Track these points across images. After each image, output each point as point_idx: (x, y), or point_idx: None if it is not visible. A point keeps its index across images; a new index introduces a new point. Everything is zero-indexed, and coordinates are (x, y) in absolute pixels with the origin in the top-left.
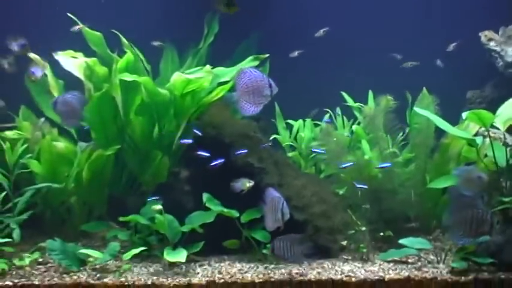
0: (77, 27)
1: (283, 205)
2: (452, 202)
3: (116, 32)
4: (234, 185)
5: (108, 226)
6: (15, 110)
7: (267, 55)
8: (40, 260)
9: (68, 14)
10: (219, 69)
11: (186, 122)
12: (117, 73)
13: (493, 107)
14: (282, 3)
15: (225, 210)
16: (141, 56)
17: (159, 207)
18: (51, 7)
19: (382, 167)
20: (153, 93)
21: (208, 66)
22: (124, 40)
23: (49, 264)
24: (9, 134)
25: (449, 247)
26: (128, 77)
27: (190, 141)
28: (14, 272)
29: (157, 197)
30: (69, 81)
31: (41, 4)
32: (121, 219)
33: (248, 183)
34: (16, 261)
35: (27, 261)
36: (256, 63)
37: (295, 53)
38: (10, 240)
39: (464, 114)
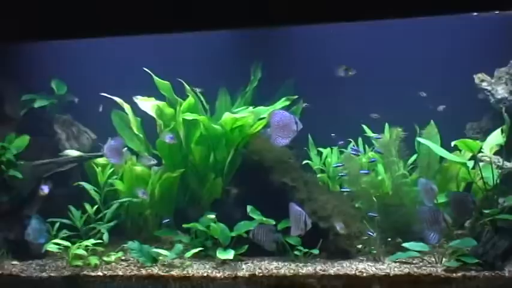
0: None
1: (306, 217)
2: (421, 216)
3: (180, 80)
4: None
5: (174, 232)
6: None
7: (296, 96)
8: (123, 258)
9: (144, 69)
10: (259, 108)
11: (234, 150)
12: (180, 113)
13: (487, 136)
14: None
15: (264, 219)
16: (202, 98)
17: (213, 216)
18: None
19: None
20: (209, 128)
21: (250, 108)
22: (187, 86)
23: (130, 261)
24: (100, 160)
25: (446, 251)
26: (189, 116)
27: None
28: (103, 267)
29: (213, 213)
30: (145, 119)
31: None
32: (184, 226)
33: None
34: (105, 258)
35: (113, 258)
36: (288, 103)
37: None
38: (101, 241)
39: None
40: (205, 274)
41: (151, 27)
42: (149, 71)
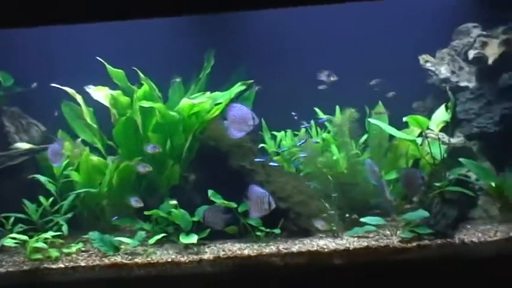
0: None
1: (269, 198)
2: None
3: (135, 68)
4: None
5: (134, 221)
6: (54, 133)
7: (251, 81)
8: (83, 249)
9: (98, 58)
10: (216, 94)
11: (192, 136)
12: (137, 101)
13: (432, 114)
14: (264, 38)
15: (226, 202)
16: (154, 86)
17: (174, 202)
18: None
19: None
20: (165, 115)
21: (208, 93)
22: (141, 74)
23: (90, 252)
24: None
25: (399, 223)
26: (146, 104)
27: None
28: (63, 259)
29: (173, 199)
30: (97, 109)
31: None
32: (146, 213)
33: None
34: (65, 250)
35: (74, 249)
36: (243, 87)
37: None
38: (60, 233)
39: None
40: (169, 259)
41: (102, 14)
42: (101, 60)
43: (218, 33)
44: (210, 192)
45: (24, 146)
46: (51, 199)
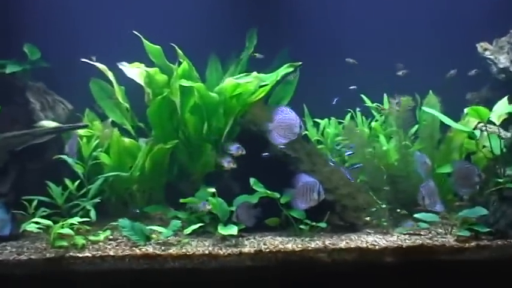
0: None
1: (320, 187)
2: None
3: (173, 45)
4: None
5: (166, 208)
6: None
7: (300, 63)
8: (110, 237)
9: (134, 32)
10: (260, 75)
11: (234, 120)
12: (177, 79)
13: (488, 106)
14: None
15: (269, 192)
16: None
17: (213, 190)
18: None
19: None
20: (204, 96)
21: (255, 73)
22: (180, 52)
23: (118, 240)
24: (81, 132)
25: (454, 222)
26: (186, 83)
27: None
28: (90, 247)
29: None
30: (129, 88)
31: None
32: (182, 200)
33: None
34: (91, 238)
35: (101, 237)
36: (291, 69)
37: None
38: (88, 219)
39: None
40: (206, 252)
41: None
42: (139, 35)
43: (261, 11)
44: (252, 180)
45: (50, 124)
46: (77, 182)
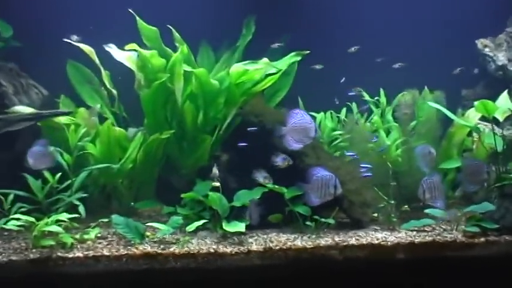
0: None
1: (336, 181)
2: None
3: (170, 27)
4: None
5: (159, 204)
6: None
7: (308, 51)
8: (99, 235)
9: (130, 10)
10: (273, 63)
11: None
12: (180, 64)
13: None
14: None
15: (276, 186)
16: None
17: (218, 184)
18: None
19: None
20: (205, 84)
21: (265, 59)
22: (177, 35)
23: (109, 238)
24: (62, 119)
25: (461, 218)
26: (188, 68)
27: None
28: (78, 246)
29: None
30: (116, 72)
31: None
32: (183, 195)
33: (288, 162)
34: (78, 236)
35: (92, 235)
36: (298, 58)
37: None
38: (78, 216)
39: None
40: (211, 250)
41: None
42: (134, 13)
43: None
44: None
45: (25, 109)
46: (58, 175)
